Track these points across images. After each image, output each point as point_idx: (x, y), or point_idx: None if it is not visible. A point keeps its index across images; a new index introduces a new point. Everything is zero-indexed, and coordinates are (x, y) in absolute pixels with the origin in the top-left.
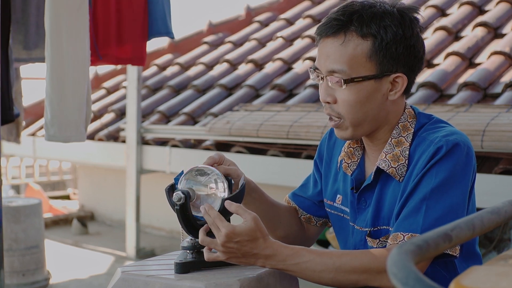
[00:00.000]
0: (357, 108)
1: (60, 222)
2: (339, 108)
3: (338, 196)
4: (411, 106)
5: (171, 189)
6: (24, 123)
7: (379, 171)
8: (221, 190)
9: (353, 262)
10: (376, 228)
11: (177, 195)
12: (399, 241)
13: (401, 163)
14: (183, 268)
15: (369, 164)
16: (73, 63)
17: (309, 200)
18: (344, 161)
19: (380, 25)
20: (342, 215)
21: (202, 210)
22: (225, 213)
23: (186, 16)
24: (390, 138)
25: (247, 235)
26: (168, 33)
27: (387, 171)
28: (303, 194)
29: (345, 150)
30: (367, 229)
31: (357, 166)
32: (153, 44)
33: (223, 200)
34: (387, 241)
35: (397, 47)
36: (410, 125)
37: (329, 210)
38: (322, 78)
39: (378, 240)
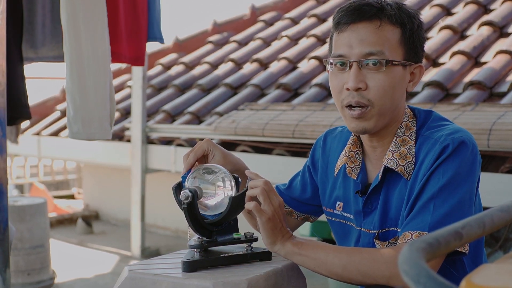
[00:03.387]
0: (389, 94)
1: (64, 221)
2: (370, 94)
3: (338, 203)
4: (408, 106)
5: (179, 187)
6: (28, 123)
7: (386, 171)
8: (228, 188)
9: (364, 254)
10: (384, 230)
11: (184, 193)
12: (407, 240)
13: (408, 161)
14: (190, 266)
15: (371, 167)
16: (93, 57)
17: (292, 198)
18: (347, 165)
19: (408, 14)
20: (344, 222)
21: (253, 184)
22: (234, 211)
23: (190, 16)
24: (394, 137)
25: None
26: (161, 38)
27: (396, 170)
28: (289, 194)
29: (347, 154)
30: (375, 231)
31: (360, 170)
32: (158, 43)
33: (231, 198)
34: (396, 243)
35: (419, 38)
36: (411, 124)
37: (329, 217)
38: (350, 65)
39: (387, 242)
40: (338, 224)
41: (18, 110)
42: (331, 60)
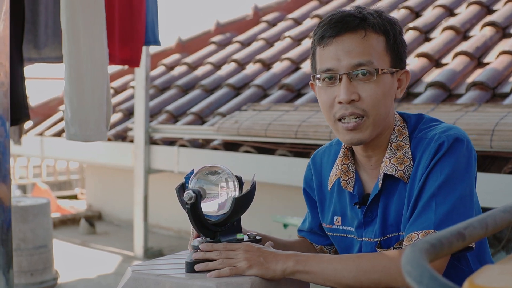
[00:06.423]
0: (382, 102)
1: (67, 222)
2: (364, 105)
3: (336, 217)
4: (397, 112)
5: (182, 188)
6: (32, 123)
7: (385, 178)
8: (231, 189)
9: (373, 261)
10: (386, 237)
11: (188, 194)
12: (414, 241)
13: (407, 165)
14: (193, 267)
15: (366, 178)
16: (91, 60)
17: (311, 232)
18: (341, 179)
19: (389, 21)
20: (345, 235)
21: (203, 247)
22: (237, 212)
23: (193, 16)
24: (389, 144)
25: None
26: (156, 41)
27: (396, 175)
28: (306, 229)
29: (340, 168)
30: (376, 239)
31: (355, 181)
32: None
33: (234, 199)
34: (401, 247)
35: (402, 44)
36: (403, 129)
37: (330, 233)
38: (339, 78)
39: (391, 249)
40: (339, 239)
41: (18, 111)
42: (318, 75)
